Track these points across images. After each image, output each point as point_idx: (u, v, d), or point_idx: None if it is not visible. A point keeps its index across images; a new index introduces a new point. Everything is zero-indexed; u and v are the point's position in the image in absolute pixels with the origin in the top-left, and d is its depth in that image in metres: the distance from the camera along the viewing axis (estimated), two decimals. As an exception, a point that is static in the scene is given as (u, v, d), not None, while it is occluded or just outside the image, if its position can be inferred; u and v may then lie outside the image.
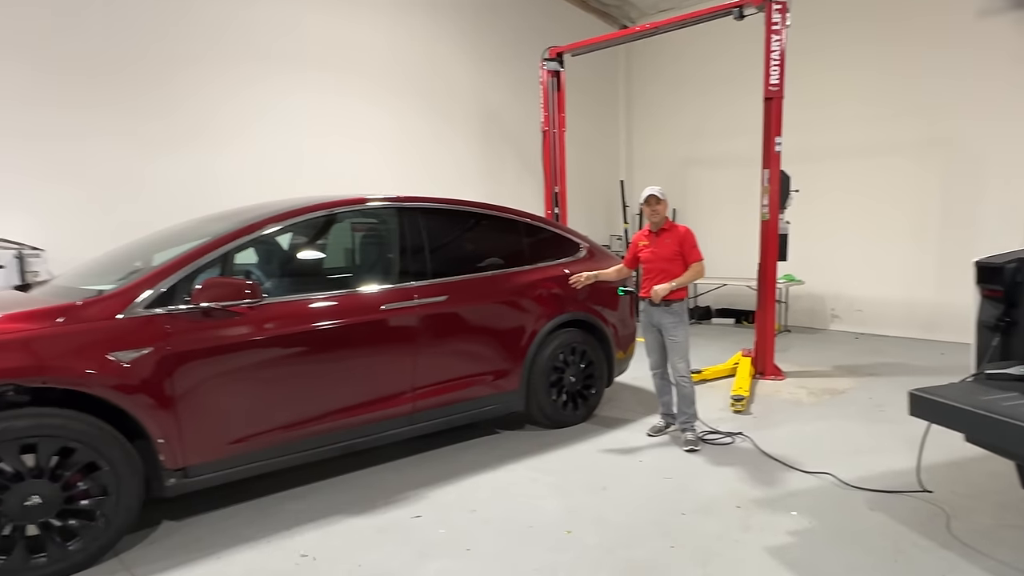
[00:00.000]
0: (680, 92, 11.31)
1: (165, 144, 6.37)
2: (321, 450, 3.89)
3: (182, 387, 3.31)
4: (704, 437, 4.85)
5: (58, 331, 3.02)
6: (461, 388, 4.54)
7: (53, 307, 3.15)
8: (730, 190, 10.69)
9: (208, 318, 3.42)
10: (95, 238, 5.42)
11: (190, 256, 3.50)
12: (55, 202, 5.74)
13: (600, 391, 5.43)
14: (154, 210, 5.97)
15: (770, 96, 6.44)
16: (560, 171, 8.68)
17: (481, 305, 4.66)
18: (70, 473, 3.00)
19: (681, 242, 4.70)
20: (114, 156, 6.06)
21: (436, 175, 8.77)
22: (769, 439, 4.79)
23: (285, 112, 7.26)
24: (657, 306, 4.69)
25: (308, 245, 4.39)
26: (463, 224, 4.91)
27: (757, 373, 6.71)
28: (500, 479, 4.18)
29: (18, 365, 2.86)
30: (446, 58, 9.01)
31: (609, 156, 12.05)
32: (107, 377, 3.07)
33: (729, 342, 8.83)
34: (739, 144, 10.41)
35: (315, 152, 7.49)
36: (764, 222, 6.64)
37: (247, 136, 6.96)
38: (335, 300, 3.97)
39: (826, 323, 9.91)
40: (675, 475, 4.19)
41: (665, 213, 4.79)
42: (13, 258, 5.25)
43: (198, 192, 6.42)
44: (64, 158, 5.78)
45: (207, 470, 3.45)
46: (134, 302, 3.25)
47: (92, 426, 3.03)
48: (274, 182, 6.84)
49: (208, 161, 6.64)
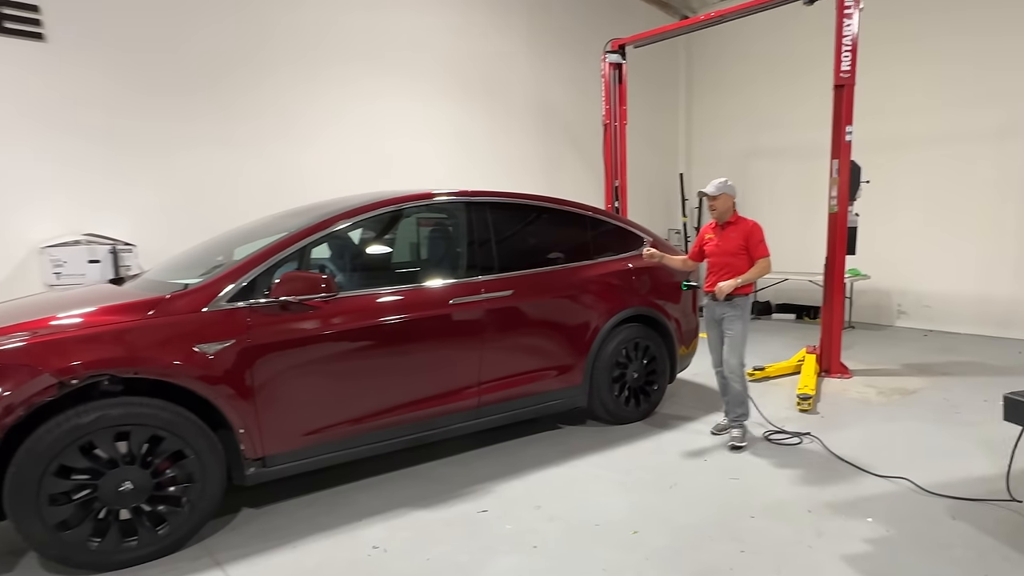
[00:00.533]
0: (742, 83, 11.03)
1: (248, 145, 6.66)
2: (390, 443, 3.95)
3: (261, 379, 3.39)
4: (770, 436, 4.76)
5: (149, 323, 3.14)
6: (525, 383, 4.54)
7: (144, 300, 3.26)
8: (792, 183, 10.42)
9: (285, 311, 3.49)
10: (182, 234, 5.65)
11: (269, 251, 3.58)
12: (145, 201, 6.05)
13: (663, 387, 5.38)
14: (237, 207, 6.22)
15: (841, 84, 6.22)
16: (621, 165, 8.58)
17: (546, 299, 4.64)
18: (159, 460, 3.11)
19: (747, 236, 4.59)
20: (200, 157, 6.36)
21: (497, 169, 8.80)
22: (838, 440, 4.66)
23: (359, 112, 7.49)
24: (719, 300, 4.61)
25: (379, 240, 4.45)
26: (528, 218, 4.89)
27: (822, 371, 6.54)
28: (564, 475, 4.18)
29: (113, 356, 2.98)
30: (509, 52, 9.01)
31: (668, 149, 11.86)
32: (193, 368, 3.17)
33: (791, 338, 8.63)
34: (802, 135, 10.14)
35: (386, 149, 7.68)
36: (832, 214, 6.43)
37: (324, 136, 7.22)
38: (405, 294, 4.01)
39: (892, 319, 9.59)
40: (741, 475, 4.12)
41: (727, 207, 4.67)
42: (108, 253, 5.49)
43: (279, 189, 6.66)
44: (154, 160, 6.10)
45: (284, 460, 3.53)
46: (218, 296, 3.35)
47: (179, 416, 3.13)
48: (347, 179, 7.00)
49: (288, 160, 6.92)
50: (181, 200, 6.22)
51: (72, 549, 2.96)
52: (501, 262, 4.49)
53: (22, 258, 5.46)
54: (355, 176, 7.16)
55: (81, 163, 5.71)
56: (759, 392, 5.52)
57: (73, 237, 5.56)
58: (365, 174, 7.31)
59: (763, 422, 5.02)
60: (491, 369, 4.32)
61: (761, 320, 10.22)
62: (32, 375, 2.83)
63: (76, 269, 5.39)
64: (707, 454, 4.50)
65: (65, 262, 5.38)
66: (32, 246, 5.47)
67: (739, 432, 4.65)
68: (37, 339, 2.93)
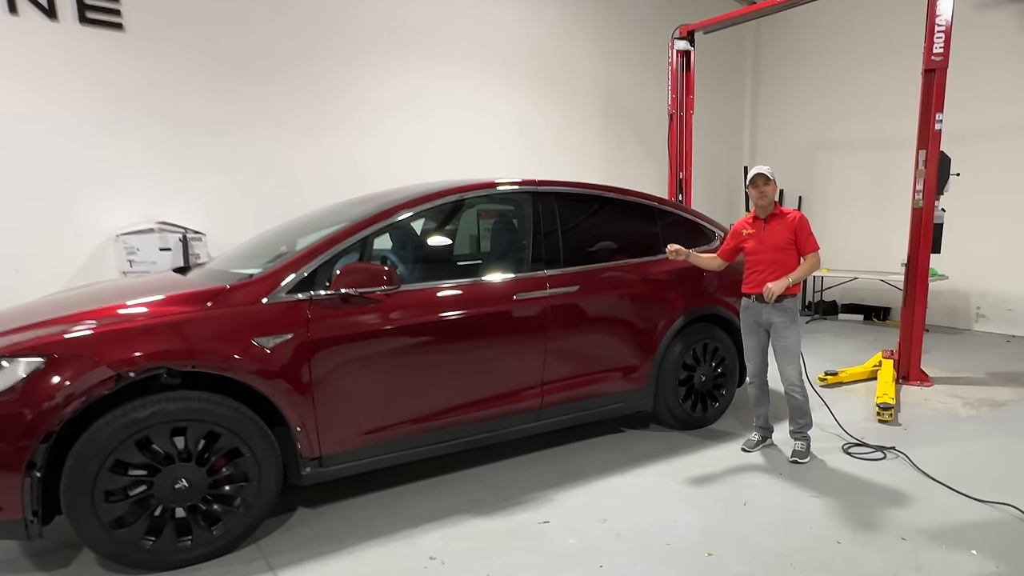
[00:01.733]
0: (812, 71, 10.47)
1: (312, 134, 6.63)
2: (449, 444, 3.77)
3: (320, 375, 3.24)
4: (849, 450, 4.42)
5: (207, 315, 3.01)
6: (589, 384, 4.31)
7: (203, 291, 3.14)
8: (863, 176, 9.87)
9: (346, 304, 3.33)
10: (251, 222, 5.61)
11: (330, 241, 3.42)
12: (216, 188, 6.07)
13: (731, 391, 5.07)
14: (302, 195, 6.26)
15: (931, 68, 5.75)
16: (686, 156, 8.22)
17: (613, 296, 4.39)
18: (215, 458, 2.99)
19: (796, 230, 4.17)
20: (267, 147, 6.36)
21: (559, 161, 8.57)
22: (926, 457, 4.28)
23: (420, 102, 7.38)
24: (766, 303, 4.22)
25: (441, 231, 4.26)
26: (595, 209, 4.62)
27: (900, 377, 6.13)
28: (629, 485, 3.93)
29: (171, 348, 2.86)
30: (573, 40, 8.73)
31: (732, 140, 11.38)
32: (251, 363, 3.03)
33: (860, 340, 8.18)
34: (876, 126, 9.60)
35: (447, 140, 7.55)
36: (917, 209, 5.99)
37: (385, 125, 7.14)
38: (468, 288, 3.81)
39: (970, 323, 9.02)
40: (823, 493, 3.80)
41: (775, 195, 4.27)
42: (178, 241, 5.49)
43: (341, 178, 6.64)
44: (224, 149, 6.12)
45: (341, 460, 3.38)
46: (278, 287, 3.20)
47: (236, 412, 3.00)
48: (408, 168, 6.94)
49: (350, 149, 6.88)
50: (250, 188, 6.24)
51: (126, 547, 2.85)
52: (566, 256, 4.24)
53: (99, 245, 5.52)
54: (415, 166, 7.07)
55: (157, 151, 5.76)
56: (832, 399, 5.16)
57: (147, 225, 5.59)
58: (425, 165, 7.21)
59: (841, 433, 4.67)
60: (555, 369, 4.10)
61: (827, 321, 9.75)
62: (91, 366, 2.72)
63: (148, 257, 5.42)
64: (781, 467, 4.19)
65: (138, 249, 5.42)
66: (109, 233, 5.54)
67: (803, 445, 4.32)
68: (96, 329, 2.82)
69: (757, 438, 4.52)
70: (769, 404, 4.51)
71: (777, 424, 4.67)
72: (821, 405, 4.79)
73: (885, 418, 5.02)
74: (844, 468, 4.16)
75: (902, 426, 4.96)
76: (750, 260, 4.35)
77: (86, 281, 5.00)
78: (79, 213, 5.43)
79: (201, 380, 2.98)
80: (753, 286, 4.30)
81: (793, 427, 4.37)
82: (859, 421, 5.03)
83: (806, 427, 4.35)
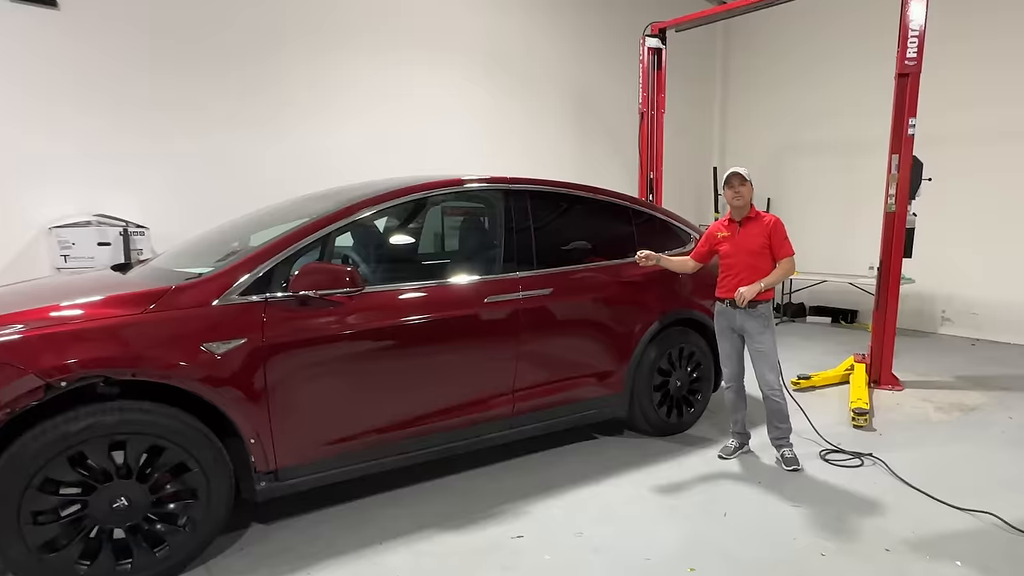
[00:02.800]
0: (783, 73, 10.49)
1: (271, 126, 6.32)
2: (416, 454, 3.57)
3: (276, 382, 3.02)
4: (827, 456, 4.32)
5: (150, 318, 2.77)
6: (563, 390, 4.15)
7: (146, 291, 2.90)
8: (833, 180, 9.90)
9: (305, 307, 3.12)
10: (200, 216, 5.29)
11: (288, 239, 3.20)
12: (161, 179, 5.70)
13: (707, 396, 4.96)
14: (255, 190, 5.85)
15: (905, 72, 5.73)
16: (657, 156, 8.12)
17: (587, 299, 4.25)
18: (159, 474, 2.75)
19: (770, 234, 4.08)
20: (220, 136, 6.01)
21: (529, 159, 8.39)
22: (903, 463, 4.21)
23: (380, 92, 7.08)
24: (739, 308, 4.13)
25: (408, 229, 4.08)
26: (569, 209, 4.47)
27: (872, 381, 6.08)
28: (606, 495, 3.77)
29: (108, 355, 2.62)
30: (541, 36, 8.56)
31: (702, 141, 11.35)
32: (199, 370, 2.80)
33: (830, 343, 8.17)
34: (846, 129, 9.63)
35: (411, 136, 7.29)
36: (889, 214, 5.96)
37: (349, 121, 6.85)
38: (436, 291, 3.63)
39: (935, 326, 9.08)
40: (803, 501, 3.69)
41: (751, 197, 4.17)
42: (118, 235, 5.15)
43: (299, 173, 6.32)
44: (171, 134, 5.73)
45: (299, 473, 3.16)
46: (230, 288, 2.97)
47: (183, 423, 2.76)
48: (371, 166, 6.63)
49: (310, 143, 6.57)
50: (198, 181, 5.86)
51: (57, 573, 2.59)
52: (540, 257, 4.08)
53: (31, 239, 5.13)
54: (379, 162, 6.80)
55: (95, 139, 5.36)
56: (807, 404, 5.07)
57: (84, 217, 5.22)
58: (390, 161, 6.94)
59: (817, 439, 4.58)
60: (527, 375, 3.94)
61: (795, 323, 9.75)
62: (17, 375, 2.47)
63: (85, 252, 5.06)
64: (759, 475, 4.08)
65: (74, 244, 5.04)
66: (41, 226, 5.14)
67: (791, 452, 4.21)
68: (24, 333, 2.56)
69: (735, 444, 4.41)
70: (746, 409, 4.41)
71: (753, 430, 4.56)
72: (797, 410, 4.69)
73: (860, 423, 4.95)
74: (823, 476, 4.07)
75: (877, 431, 4.90)
76: (724, 264, 4.26)
77: (14, 279, 4.61)
78: (6, 203, 5.01)
79: (143, 389, 2.74)
80: (727, 290, 4.20)
81: (775, 434, 4.27)
82: (834, 426, 4.96)
83: (788, 432, 4.26)
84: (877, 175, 6.63)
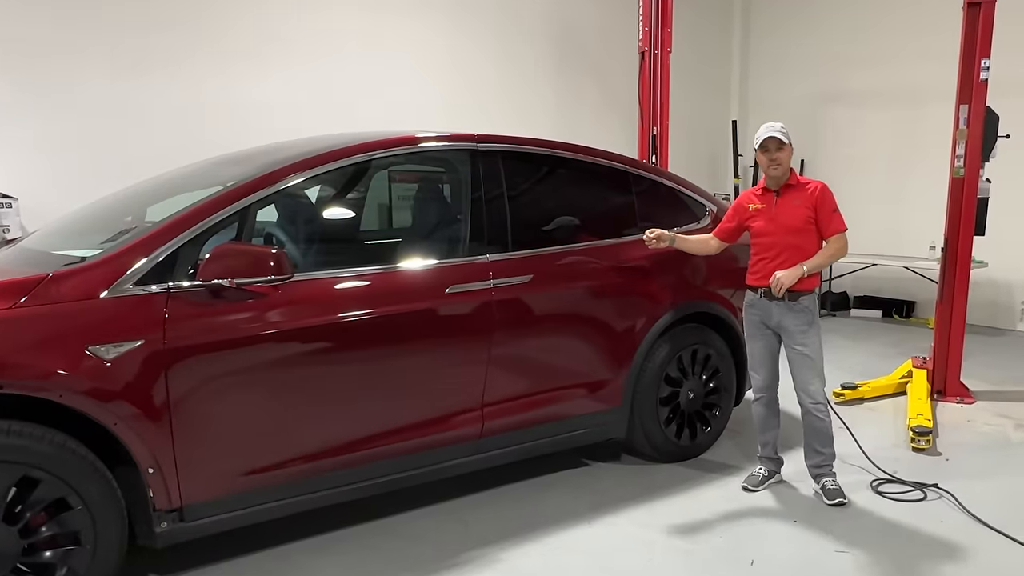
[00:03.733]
0: (820, 4, 10.76)
1: (176, 67, 6.40)
2: (358, 486, 3.69)
3: (180, 396, 3.10)
4: (880, 488, 4.51)
5: (19, 314, 2.82)
6: (545, 404, 4.30)
7: (14, 280, 2.96)
8: (883, 137, 10.24)
9: (218, 299, 3.21)
10: (83, 184, 5.35)
11: (197, 213, 3.27)
12: (31, 137, 5.75)
13: (727, 411, 5.15)
14: (159, 150, 5.93)
15: (976, 1, 5.95)
16: (662, 106, 8.27)
17: (576, 289, 4.40)
18: (32, 513, 2.81)
19: (817, 205, 4.21)
20: (110, 80, 6.06)
21: (501, 109, 8.58)
22: (977, 496, 4.37)
23: (320, 30, 7.23)
24: (777, 299, 4.25)
25: (348, 201, 4.18)
26: (554, 175, 4.62)
27: (935, 392, 6.33)
28: (600, 539, 3.91)
29: (-36, 361, 2.67)
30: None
31: (718, 90, 11.62)
32: (82, 380, 2.87)
33: (881, 343, 8.48)
34: (899, 74, 9.93)
35: (356, 79, 7.47)
36: (956, 180, 6.18)
37: (271, 60, 6.98)
38: (384, 278, 3.75)
39: (1013, 322, 9.44)
40: (851, 545, 3.83)
41: (791, 161, 4.28)
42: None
43: (215, 129, 6.39)
44: (47, 80, 5.77)
45: (210, 511, 3.25)
46: (123, 276, 3.04)
47: (62, 448, 2.83)
48: (303, 119, 6.74)
49: (229, 91, 6.69)
50: (82, 138, 5.94)
51: None
52: (515, 236, 4.22)
53: None
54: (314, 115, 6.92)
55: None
56: (853, 421, 5.26)
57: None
58: (328, 113, 7.04)
59: (867, 466, 4.77)
60: (500, 385, 4.07)
61: (836, 318, 10.04)
62: None
63: (-67, 228, 5.10)
64: (795, 511, 4.25)
65: (-82, 218, 5.09)
66: None
67: (834, 483, 4.37)
68: None
69: (763, 473, 4.57)
70: (779, 428, 4.58)
71: (786, 454, 4.73)
72: (840, 428, 4.88)
73: (922, 445, 5.16)
74: (875, 511, 4.24)
75: (943, 455, 5.12)
76: (758, 244, 4.36)
77: None
78: None
79: (11, 405, 2.78)
80: (761, 277, 4.30)
81: (816, 459, 4.41)
82: (888, 449, 5.17)
83: (831, 457, 4.42)
84: (940, 131, 6.87)
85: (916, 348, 7.62)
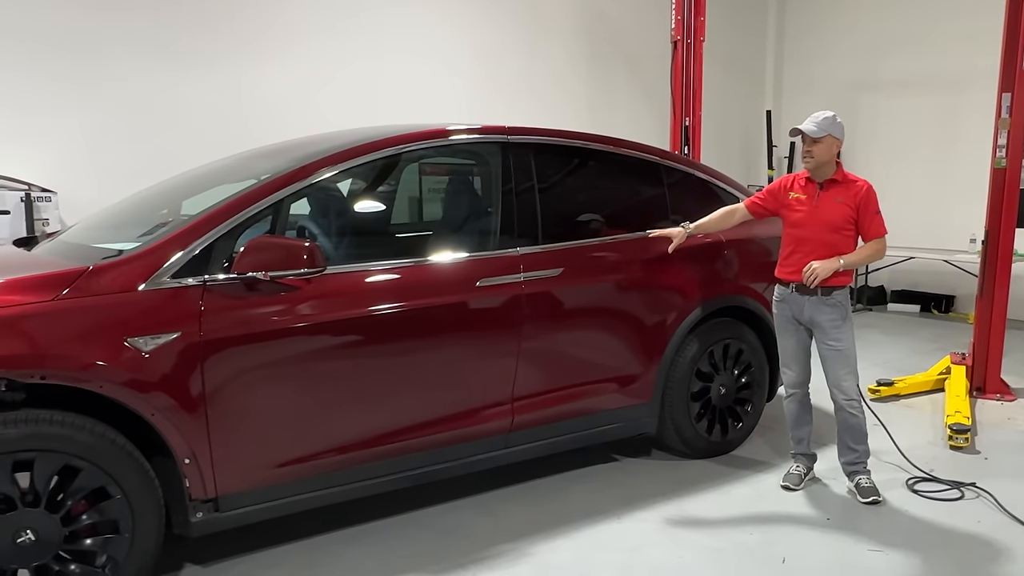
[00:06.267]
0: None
1: (212, 62, 6.52)
2: (390, 478, 3.79)
3: (216, 388, 3.20)
4: (916, 486, 4.54)
5: (61, 307, 2.93)
6: (575, 399, 4.37)
7: (55, 273, 3.07)
8: (921, 125, 10.18)
9: (252, 292, 3.31)
10: (120, 178, 5.48)
11: (232, 207, 3.37)
12: (71, 132, 5.88)
13: (759, 407, 5.20)
14: (194, 144, 6.05)
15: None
16: (694, 97, 8.32)
17: (607, 282, 4.46)
18: (73, 501, 2.93)
19: (860, 206, 4.18)
20: (147, 77, 6.19)
21: (532, 103, 8.64)
22: (1015, 496, 4.37)
23: (349, 25, 7.34)
24: (808, 294, 4.26)
25: (380, 194, 4.28)
26: (585, 167, 4.69)
27: (974, 389, 6.33)
28: (630, 535, 3.97)
29: (9, 353, 2.79)
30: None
31: (751, 78, 11.60)
32: (122, 371, 2.98)
33: (918, 338, 8.46)
34: (938, 60, 9.85)
35: (384, 73, 7.59)
36: (998, 170, 6.17)
37: (308, 55, 7.12)
38: (415, 272, 3.83)
39: (1056, 317, 9.36)
40: (886, 545, 3.86)
41: (830, 156, 4.20)
42: (19, 202, 5.34)
43: (250, 124, 6.54)
44: (87, 75, 5.90)
45: (245, 502, 3.36)
46: (160, 269, 3.15)
47: (102, 438, 2.94)
48: (335, 109, 6.91)
49: (261, 85, 6.81)
50: (121, 133, 6.08)
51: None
52: (546, 229, 4.28)
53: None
54: (344, 108, 6.99)
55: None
56: (889, 418, 5.28)
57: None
58: (357, 106, 7.15)
59: (903, 463, 4.80)
60: (530, 379, 4.14)
61: (873, 312, 10.01)
62: None
63: (-25, 223, 5.25)
64: (828, 509, 4.28)
65: (-39, 211, 5.24)
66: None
67: (868, 480, 4.40)
68: None
69: (801, 470, 4.58)
70: (812, 424, 4.62)
71: (819, 450, 4.76)
72: (876, 425, 4.91)
73: (960, 443, 5.17)
74: (911, 511, 4.27)
75: (981, 454, 5.13)
76: (792, 236, 4.35)
77: None
78: None
79: (54, 395, 2.91)
80: (793, 271, 4.30)
81: (849, 457, 4.44)
82: (925, 447, 5.19)
83: (866, 455, 4.45)
84: (981, 118, 6.84)
85: (955, 344, 7.61)
